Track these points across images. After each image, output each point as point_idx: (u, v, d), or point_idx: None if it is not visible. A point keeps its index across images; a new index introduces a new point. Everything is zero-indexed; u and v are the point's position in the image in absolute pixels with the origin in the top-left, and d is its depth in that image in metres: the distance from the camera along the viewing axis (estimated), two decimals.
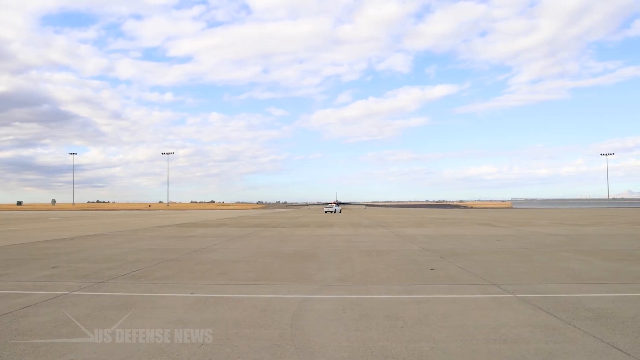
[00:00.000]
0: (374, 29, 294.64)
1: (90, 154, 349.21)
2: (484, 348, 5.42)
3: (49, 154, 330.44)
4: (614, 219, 44.81)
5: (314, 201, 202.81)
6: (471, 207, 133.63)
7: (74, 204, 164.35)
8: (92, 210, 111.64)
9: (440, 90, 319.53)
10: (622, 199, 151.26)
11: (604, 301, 7.88)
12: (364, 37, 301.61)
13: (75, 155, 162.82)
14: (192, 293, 8.63)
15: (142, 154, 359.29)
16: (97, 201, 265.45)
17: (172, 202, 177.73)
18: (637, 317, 6.77)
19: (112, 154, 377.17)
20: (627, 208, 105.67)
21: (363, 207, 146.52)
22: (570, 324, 6.43)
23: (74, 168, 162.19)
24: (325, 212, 70.85)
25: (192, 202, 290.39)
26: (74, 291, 8.79)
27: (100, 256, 14.23)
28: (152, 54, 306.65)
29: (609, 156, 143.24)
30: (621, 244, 18.06)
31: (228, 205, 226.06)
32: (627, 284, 9.49)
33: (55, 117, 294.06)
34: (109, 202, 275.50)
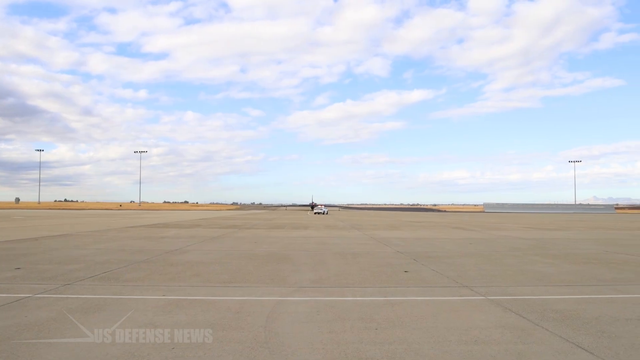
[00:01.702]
0: (353, 32, 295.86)
1: (59, 151, 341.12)
2: (456, 349, 5.53)
3: (14, 149, 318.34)
4: (580, 223, 45.97)
5: (290, 203, 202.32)
6: (445, 211, 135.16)
7: (39, 202, 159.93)
8: (59, 209, 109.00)
9: (417, 95, 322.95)
10: (588, 204, 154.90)
11: (570, 303, 8.12)
12: (343, 40, 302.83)
13: (42, 151, 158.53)
14: (163, 295, 8.52)
15: (113, 152, 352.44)
16: (65, 200, 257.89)
17: (144, 202, 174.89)
18: (600, 318, 7.00)
19: (81, 151, 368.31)
20: (593, 213, 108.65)
21: (338, 209, 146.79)
22: (538, 325, 6.62)
23: (40, 165, 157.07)
24: (315, 213, 79.49)
25: (165, 202, 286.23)
26: (38, 294, 8.52)
27: (67, 257, 13.88)
28: (126, 50, 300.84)
29: (576, 163, 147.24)
30: (587, 248, 18.57)
31: (202, 205, 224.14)
32: (591, 286, 9.79)
33: (21, 112, 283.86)
34: (77, 201, 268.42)
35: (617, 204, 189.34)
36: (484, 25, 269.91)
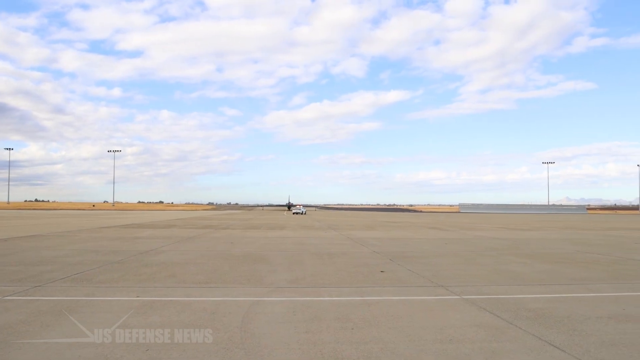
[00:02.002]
0: (330, 33, 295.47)
1: (29, 150, 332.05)
2: (431, 348, 5.57)
3: None
4: (553, 224, 46.86)
5: (266, 203, 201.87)
6: (421, 211, 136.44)
7: (9, 202, 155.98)
8: (29, 209, 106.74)
9: (393, 95, 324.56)
10: (561, 205, 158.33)
11: (542, 302, 8.26)
12: (320, 40, 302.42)
13: (11, 150, 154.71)
14: (137, 297, 8.40)
15: (86, 151, 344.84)
16: (36, 200, 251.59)
17: (118, 202, 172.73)
18: (571, 316, 7.13)
19: (53, 150, 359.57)
20: (565, 214, 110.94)
21: (314, 209, 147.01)
22: (512, 323, 6.71)
23: (9, 164, 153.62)
24: (294, 213, 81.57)
25: (139, 202, 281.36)
26: (7, 296, 8.31)
27: (38, 258, 13.58)
28: (100, 47, 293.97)
29: (549, 165, 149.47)
30: (559, 248, 18.93)
31: (177, 206, 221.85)
32: (563, 285, 9.97)
33: None
34: (49, 201, 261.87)
35: (588, 205, 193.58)
36: (460, 27, 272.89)
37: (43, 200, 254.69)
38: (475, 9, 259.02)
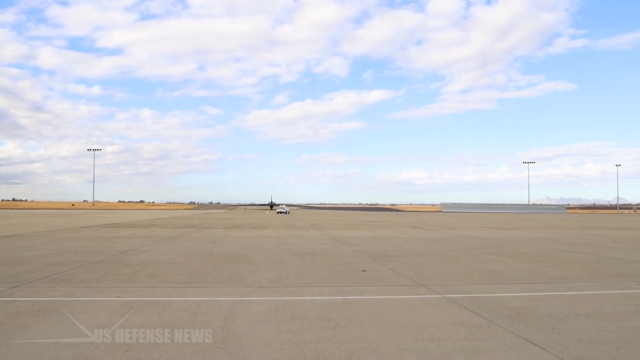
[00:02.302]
0: (313, 32, 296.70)
1: (6, 148, 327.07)
2: (413, 346, 5.59)
3: None
4: (533, 223, 47.46)
5: (248, 202, 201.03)
6: (403, 211, 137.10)
7: None
8: (6, 209, 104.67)
9: (376, 95, 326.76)
10: (541, 204, 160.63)
11: (522, 300, 8.34)
12: (302, 39, 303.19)
13: None
14: (118, 297, 8.29)
15: (65, 149, 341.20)
16: (13, 199, 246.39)
17: (98, 202, 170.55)
18: (551, 314, 7.21)
19: (31, 148, 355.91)
20: (545, 213, 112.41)
21: (297, 208, 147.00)
22: (492, 322, 6.76)
23: None
24: (278, 212, 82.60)
25: (120, 201, 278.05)
26: None
27: (16, 258, 13.33)
28: (79, 44, 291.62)
29: (530, 165, 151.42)
30: (539, 247, 19.16)
31: (158, 205, 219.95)
32: (543, 284, 10.09)
33: None
34: (26, 200, 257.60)
35: (568, 204, 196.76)
36: (442, 28, 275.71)
37: (21, 200, 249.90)
38: (457, 9, 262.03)
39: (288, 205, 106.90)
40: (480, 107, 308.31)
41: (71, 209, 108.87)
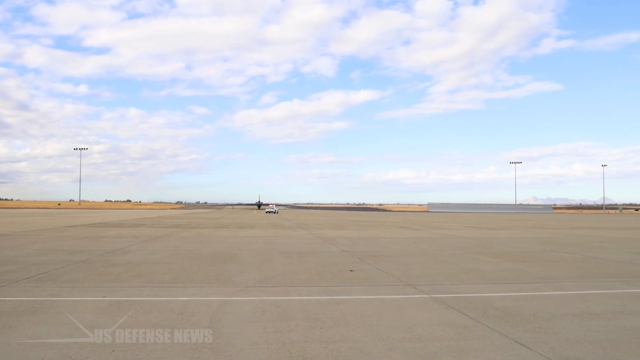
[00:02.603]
0: (300, 31, 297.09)
1: None
2: (400, 346, 5.58)
3: None
4: (520, 223, 47.83)
5: (236, 202, 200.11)
6: (390, 211, 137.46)
7: None
8: None
9: (363, 95, 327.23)
10: (528, 204, 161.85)
11: (509, 300, 8.37)
12: (290, 39, 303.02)
13: None
14: (104, 297, 8.21)
15: (51, 148, 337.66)
16: None
17: (84, 201, 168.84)
18: (538, 314, 7.25)
19: (17, 147, 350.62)
20: (532, 213, 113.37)
21: (284, 208, 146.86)
22: (479, 322, 6.77)
23: None
24: (267, 212, 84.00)
25: (106, 201, 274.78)
26: None
27: (1, 258, 13.17)
28: (66, 43, 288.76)
29: (517, 165, 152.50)
30: (525, 247, 19.30)
31: (145, 204, 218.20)
32: (529, 284, 10.15)
33: None
34: (12, 199, 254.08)
35: (555, 204, 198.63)
36: (429, 28, 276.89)
37: (6, 199, 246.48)
38: (445, 9, 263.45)
39: (277, 205, 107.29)
40: (467, 107, 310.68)
41: (57, 209, 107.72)
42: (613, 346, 5.66)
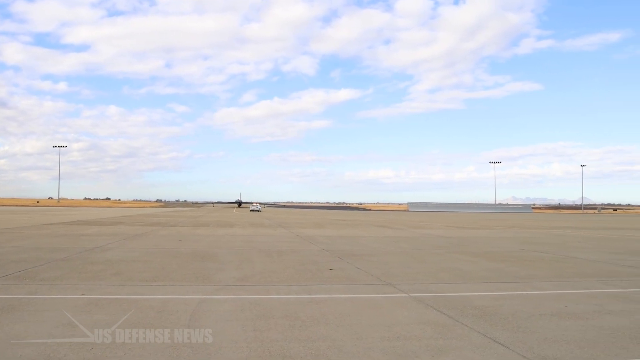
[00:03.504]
0: (281, 30, 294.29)
1: None
2: (379, 345, 5.57)
3: None
4: (499, 222, 48.33)
5: (216, 200, 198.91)
6: (370, 210, 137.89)
7: None
8: None
9: (344, 94, 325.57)
10: (507, 204, 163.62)
11: (488, 299, 8.44)
12: (270, 37, 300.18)
13: None
14: (83, 295, 8.10)
15: (30, 146, 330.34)
16: None
17: (63, 199, 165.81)
18: (516, 313, 7.31)
19: None
20: (511, 213, 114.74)
21: (264, 206, 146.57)
22: (458, 321, 6.80)
23: None
24: (251, 210, 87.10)
25: (85, 198, 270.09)
26: None
27: None
28: (45, 40, 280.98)
29: (496, 164, 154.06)
30: (504, 246, 19.50)
31: (125, 202, 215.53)
32: (508, 283, 10.25)
33: None
34: None
35: (534, 204, 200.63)
36: (410, 27, 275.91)
37: None
38: (425, 9, 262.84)
39: (260, 204, 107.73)
40: (447, 106, 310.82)
41: (36, 206, 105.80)
42: (590, 345, 5.72)
